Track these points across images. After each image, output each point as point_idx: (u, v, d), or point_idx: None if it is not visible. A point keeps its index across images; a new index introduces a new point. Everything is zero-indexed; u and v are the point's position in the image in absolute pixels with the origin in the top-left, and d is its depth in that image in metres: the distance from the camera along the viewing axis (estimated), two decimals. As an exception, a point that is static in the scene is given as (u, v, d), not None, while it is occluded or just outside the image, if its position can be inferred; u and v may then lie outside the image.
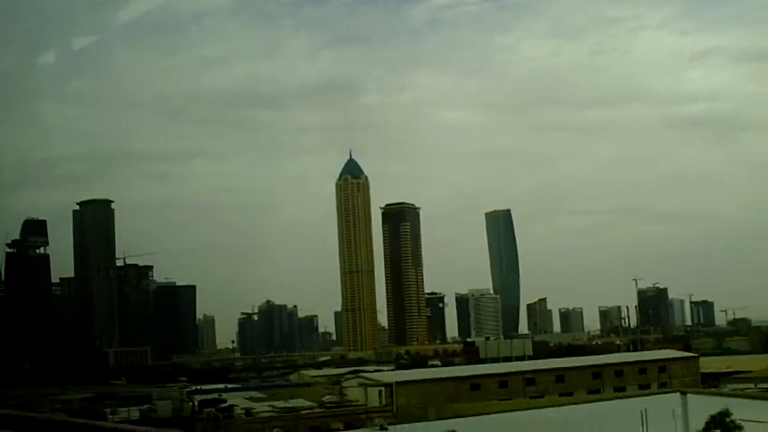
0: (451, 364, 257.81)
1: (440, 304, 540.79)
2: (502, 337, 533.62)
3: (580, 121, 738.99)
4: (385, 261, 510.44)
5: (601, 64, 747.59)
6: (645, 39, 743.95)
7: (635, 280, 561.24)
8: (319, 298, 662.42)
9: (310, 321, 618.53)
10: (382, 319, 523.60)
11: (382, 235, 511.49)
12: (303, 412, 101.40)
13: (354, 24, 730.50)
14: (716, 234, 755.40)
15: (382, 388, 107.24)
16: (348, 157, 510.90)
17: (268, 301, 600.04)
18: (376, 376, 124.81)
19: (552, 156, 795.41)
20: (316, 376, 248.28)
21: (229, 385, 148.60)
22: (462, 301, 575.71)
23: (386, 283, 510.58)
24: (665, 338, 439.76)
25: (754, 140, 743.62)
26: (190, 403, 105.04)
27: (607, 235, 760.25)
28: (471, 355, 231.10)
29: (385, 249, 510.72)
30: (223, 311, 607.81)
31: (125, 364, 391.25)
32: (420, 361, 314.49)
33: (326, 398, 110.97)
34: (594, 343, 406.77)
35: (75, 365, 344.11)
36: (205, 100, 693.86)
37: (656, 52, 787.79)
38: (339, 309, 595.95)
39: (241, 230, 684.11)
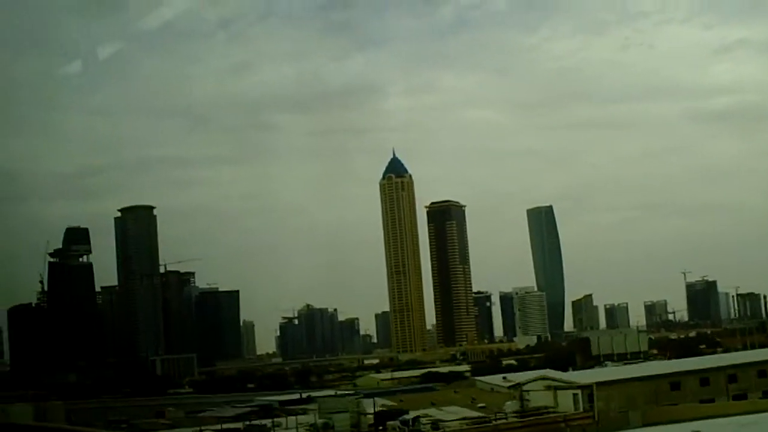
0: (525, 364, 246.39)
1: (487, 303, 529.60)
2: (548, 335, 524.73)
3: (606, 117, 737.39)
4: (431, 260, 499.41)
5: (627, 60, 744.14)
6: (670, 33, 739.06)
7: (684, 273, 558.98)
8: (359, 300, 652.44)
9: (351, 324, 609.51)
10: (430, 319, 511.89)
11: (428, 233, 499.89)
12: (500, 422, 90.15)
13: (380, 26, 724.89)
14: (745, 225, 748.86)
15: (577, 391, 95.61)
16: (391, 156, 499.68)
17: (308, 305, 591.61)
18: (565, 377, 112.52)
19: (579, 152, 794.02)
20: (384, 380, 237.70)
21: (363, 391, 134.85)
22: (506, 300, 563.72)
23: (433, 282, 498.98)
24: (726, 331, 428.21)
25: None
26: (367, 415, 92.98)
27: (635, 230, 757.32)
28: (582, 352, 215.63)
29: (431, 248, 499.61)
30: (262, 317, 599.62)
31: (172, 372, 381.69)
32: (493, 361, 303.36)
33: (508, 404, 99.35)
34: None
35: (123, 375, 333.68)
36: (231, 106, 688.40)
37: (682, 46, 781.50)
38: (379, 311, 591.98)
39: (272, 235, 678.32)
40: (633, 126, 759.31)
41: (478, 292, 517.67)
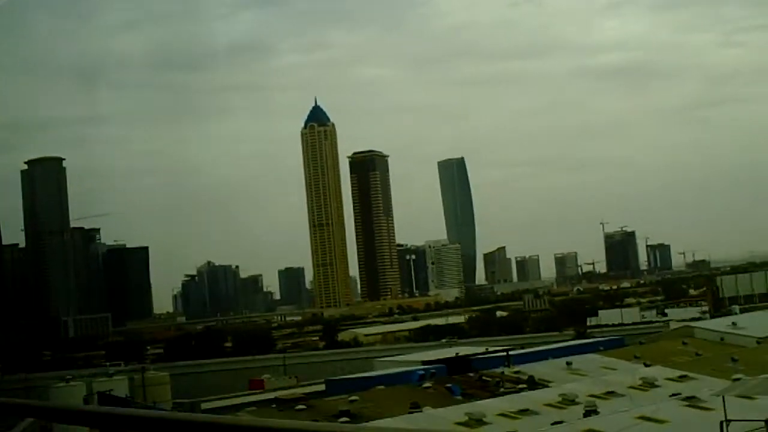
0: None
1: (407, 257, 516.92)
2: (463, 287, 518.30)
3: (496, 74, 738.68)
4: (354, 212, 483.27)
5: (516, 17, 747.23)
6: None
7: (602, 224, 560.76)
8: (265, 257, 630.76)
9: (255, 281, 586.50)
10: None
11: (350, 185, 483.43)
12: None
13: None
14: (633, 180, 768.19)
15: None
16: (313, 104, 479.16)
17: (209, 262, 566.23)
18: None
19: (471, 108, 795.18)
20: (368, 335, 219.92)
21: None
22: (418, 253, 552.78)
23: (356, 235, 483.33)
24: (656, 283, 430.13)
25: (666, 88, 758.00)
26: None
27: (531, 185, 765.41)
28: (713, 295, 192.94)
29: (354, 199, 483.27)
30: (165, 275, 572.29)
31: (86, 334, 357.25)
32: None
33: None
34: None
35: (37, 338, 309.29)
36: (122, 64, 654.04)
37: (571, 3, 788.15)
38: (282, 267, 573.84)
39: (172, 193, 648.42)
40: (522, 82, 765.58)
41: (399, 245, 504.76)
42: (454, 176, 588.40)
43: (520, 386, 62.82)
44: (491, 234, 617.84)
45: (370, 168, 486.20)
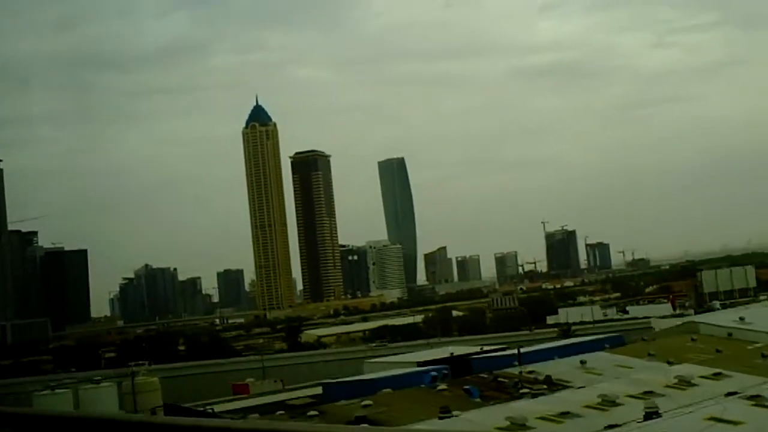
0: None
1: (349, 257, 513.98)
2: (405, 288, 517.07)
3: (431, 74, 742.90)
4: (296, 213, 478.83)
5: (452, 17, 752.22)
6: None
7: (543, 223, 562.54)
8: (204, 259, 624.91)
9: (193, 283, 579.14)
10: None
11: (292, 185, 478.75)
12: None
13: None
14: (570, 180, 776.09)
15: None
16: (254, 103, 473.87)
17: (146, 265, 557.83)
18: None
19: (407, 108, 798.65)
20: (322, 336, 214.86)
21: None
22: (359, 254, 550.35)
23: (299, 236, 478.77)
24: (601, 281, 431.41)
25: (600, 88, 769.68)
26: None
27: (466, 185, 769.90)
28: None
29: (296, 200, 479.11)
30: (100, 278, 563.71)
31: (25, 339, 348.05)
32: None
33: None
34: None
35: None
36: (53, 64, 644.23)
37: (507, 3, 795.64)
38: (221, 269, 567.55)
39: (110, 195, 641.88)
40: (459, 82, 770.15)
41: (342, 246, 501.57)
42: (394, 176, 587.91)
43: (538, 387, 60.19)
44: (432, 234, 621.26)
45: (312, 168, 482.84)
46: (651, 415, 42.54)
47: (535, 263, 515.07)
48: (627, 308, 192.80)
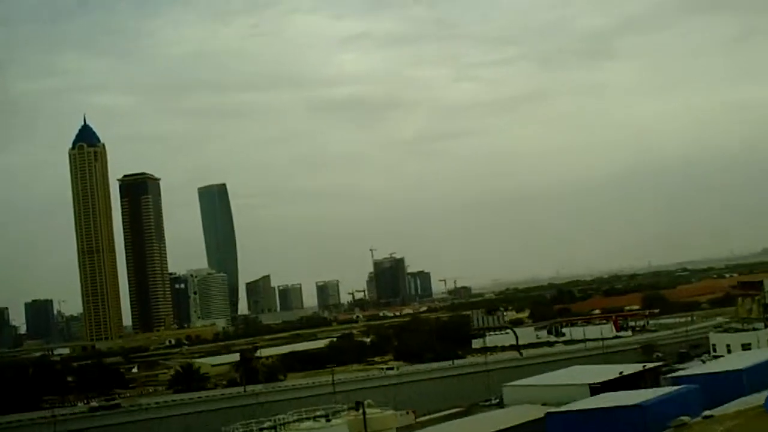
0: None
1: (176, 285, 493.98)
2: (229, 318, 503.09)
3: (228, 105, 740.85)
4: (125, 238, 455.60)
5: (253, 48, 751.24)
6: (298, 22, 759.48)
7: (372, 250, 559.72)
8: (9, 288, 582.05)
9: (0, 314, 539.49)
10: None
11: (120, 209, 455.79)
12: None
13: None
14: (380, 208, 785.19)
15: None
16: (82, 123, 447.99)
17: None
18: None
19: (201, 139, 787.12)
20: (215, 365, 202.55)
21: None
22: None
23: (127, 262, 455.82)
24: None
25: (400, 120, 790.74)
26: None
27: (276, 213, 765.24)
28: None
29: (125, 224, 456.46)
30: None
31: None
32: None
33: None
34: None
35: None
36: None
37: (309, 36, 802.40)
38: (29, 299, 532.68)
39: None
40: (254, 114, 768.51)
41: (171, 274, 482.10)
42: (215, 202, 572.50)
43: None
44: (253, 263, 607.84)
45: (141, 191, 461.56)
46: None
47: (364, 291, 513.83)
48: (563, 330, 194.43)
